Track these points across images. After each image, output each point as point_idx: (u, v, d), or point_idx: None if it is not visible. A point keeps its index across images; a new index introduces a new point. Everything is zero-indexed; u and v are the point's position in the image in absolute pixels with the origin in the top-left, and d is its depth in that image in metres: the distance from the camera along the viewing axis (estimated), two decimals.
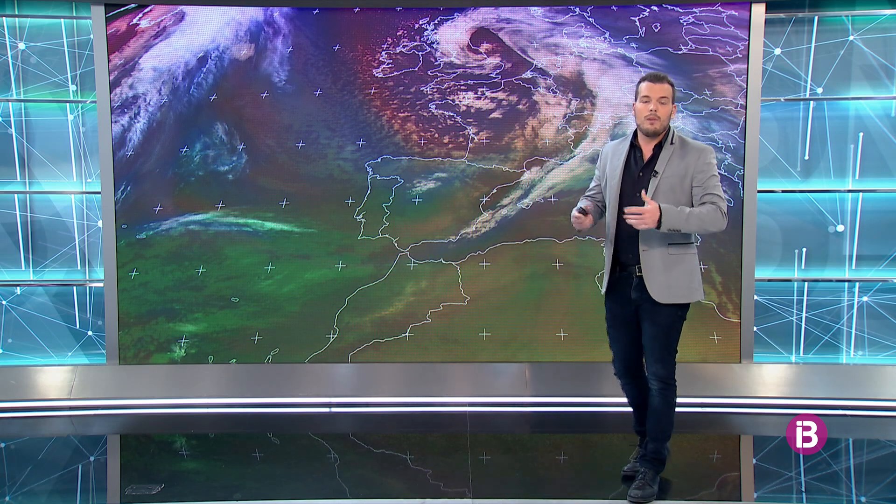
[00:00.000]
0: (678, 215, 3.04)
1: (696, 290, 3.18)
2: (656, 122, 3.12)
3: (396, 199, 4.58)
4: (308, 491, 3.33)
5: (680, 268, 3.14)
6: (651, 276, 3.14)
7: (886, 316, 4.68)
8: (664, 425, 3.22)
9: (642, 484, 3.19)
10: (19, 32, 4.61)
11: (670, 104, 3.14)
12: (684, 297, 3.15)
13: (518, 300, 4.61)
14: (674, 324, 3.18)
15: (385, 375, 4.66)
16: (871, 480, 3.57)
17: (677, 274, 3.13)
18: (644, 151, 3.18)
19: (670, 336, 3.18)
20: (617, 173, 3.20)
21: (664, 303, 3.13)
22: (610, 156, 3.28)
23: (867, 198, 4.64)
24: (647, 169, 3.16)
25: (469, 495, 3.27)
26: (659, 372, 3.18)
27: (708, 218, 3.06)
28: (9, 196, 4.70)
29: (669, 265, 3.13)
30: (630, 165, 3.20)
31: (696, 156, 3.11)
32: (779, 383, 4.56)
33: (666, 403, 3.20)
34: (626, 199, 3.17)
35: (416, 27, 4.54)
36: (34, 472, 3.65)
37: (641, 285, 3.15)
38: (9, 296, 4.75)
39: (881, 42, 4.55)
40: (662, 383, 3.18)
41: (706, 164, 3.10)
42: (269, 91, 4.55)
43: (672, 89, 3.14)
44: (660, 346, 3.17)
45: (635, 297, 3.18)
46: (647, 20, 4.50)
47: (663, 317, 3.15)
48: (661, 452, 3.26)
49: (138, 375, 4.61)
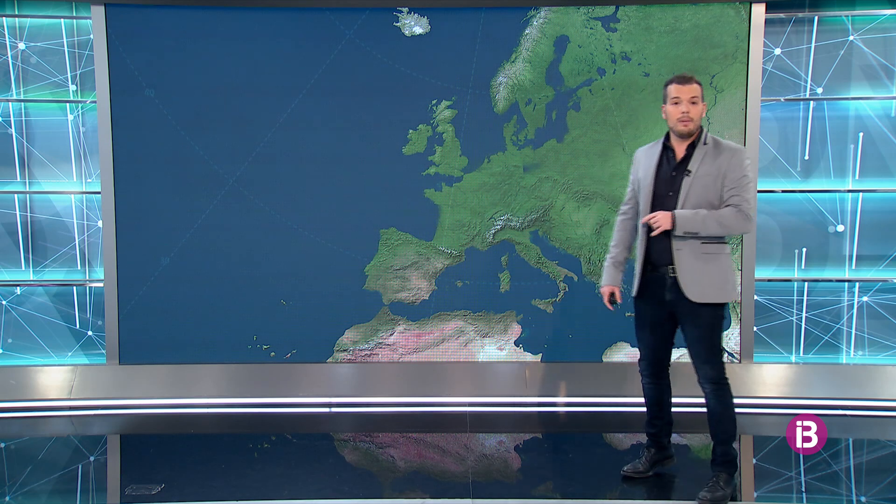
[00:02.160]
0: (693, 218, 3.05)
1: (732, 289, 3.16)
2: (689, 124, 3.13)
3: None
4: (308, 491, 3.33)
5: (714, 267, 3.12)
6: (685, 276, 3.12)
7: (886, 316, 4.68)
8: (726, 426, 3.20)
9: (713, 486, 3.17)
10: (19, 32, 4.61)
11: (700, 103, 3.15)
12: (720, 296, 3.13)
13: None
14: (715, 323, 3.16)
15: (385, 375, 4.67)
16: (871, 480, 3.57)
17: (712, 273, 3.12)
18: (677, 152, 3.19)
19: (714, 337, 3.16)
20: (650, 175, 3.22)
21: (700, 302, 3.11)
22: (642, 159, 3.30)
23: (867, 198, 4.64)
24: (679, 168, 3.16)
25: (469, 495, 3.27)
26: (709, 374, 3.17)
27: (727, 220, 3.05)
28: (9, 196, 4.70)
29: (703, 264, 3.11)
30: (663, 166, 3.21)
31: (730, 156, 3.11)
32: (779, 383, 4.56)
33: (722, 404, 3.18)
34: (658, 200, 3.18)
35: None
36: (34, 472, 3.65)
37: (676, 286, 3.14)
38: (9, 296, 4.75)
39: (881, 42, 4.55)
40: (714, 384, 3.17)
41: (739, 164, 3.10)
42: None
43: (700, 88, 3.15)
44: (705, 348, 3.16)
45: (670, 298, 3.17)
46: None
47: (704, 318, 3.14)
48: (728, 454, 3.23)
49: (138, 375, 4.61)
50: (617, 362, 4.65)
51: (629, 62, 4.51)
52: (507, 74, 4.53)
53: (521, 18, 4.50)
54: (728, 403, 3.19)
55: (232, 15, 4.49)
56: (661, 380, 3.38)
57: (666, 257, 3.16)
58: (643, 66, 4.51)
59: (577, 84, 4.54)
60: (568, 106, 4.54)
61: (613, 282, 3.39)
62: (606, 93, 4.53)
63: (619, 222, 3.44)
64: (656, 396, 3.40)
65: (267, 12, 4.50)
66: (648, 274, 3.23)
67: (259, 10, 4.49)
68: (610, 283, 3.39)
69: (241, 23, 4.50)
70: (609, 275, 3.40)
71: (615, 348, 4.66)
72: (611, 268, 3.40)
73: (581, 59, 4.52)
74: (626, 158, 4.55)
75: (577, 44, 4.51)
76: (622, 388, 4.55)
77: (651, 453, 3.48)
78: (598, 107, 4.54)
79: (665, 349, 3.35)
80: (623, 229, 3.41)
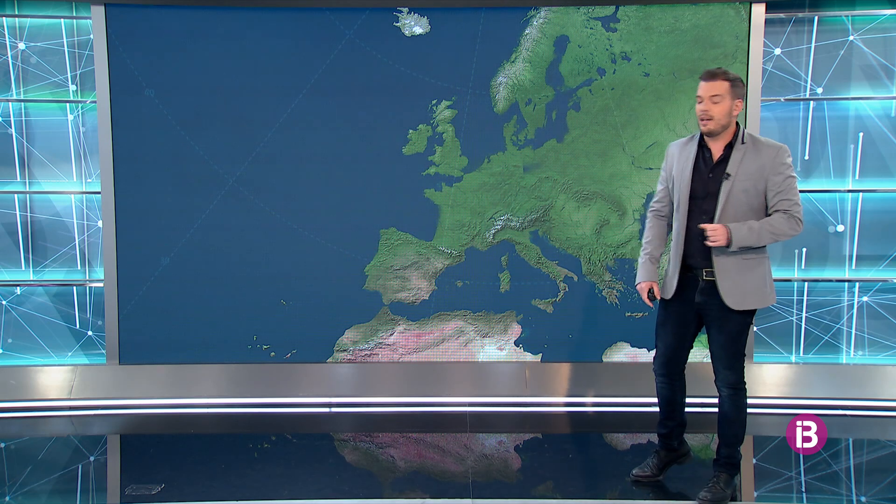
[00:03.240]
0: (749, 235, 2.96)
1: (769, 294, 3.11)
2: (709, 124, 3.02)
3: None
4: (308, 491, 3.33)
5: (755, 273, 3.06)
6: (726, 282, 3.05)
7: (886, 316, 4.68)
8: (736, 430, 3.18)
9: (713, 487, 3.16)
10: (19, 32, 4.61)
11: (727, 100, 3.00)
12: (758, 302, 3.09)
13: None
14: (743, 330, 3.11)
15: (385, 375, 4.67)
16: (871, 480, 3.57)
17: (752, 279, 3.06)
18: (713, 151, 3.08)
19: (739, 343, 3.12)
20: (686, 175, 3.12)
21: (737, 309, 3.06)
22: (676, 156, 3.20)
23: (867, 198, 4.64)
24: (717, 170, 3.06)
25: (469, 495, 3.27)
26: (729, 379, 3.14)
27: (780, 229, 2.97)
28: (9, 196, 4.69)
29: (744, 270, 3.04)
30: (699, 166, 3.10)
31: (772, 156, 3.00)
32: (779, 383, 4.56)
33: (737, 408, 3.16)
34: (696, 203, 3.10)
35: None
36: (34, 472, 3.65)
37: (710, 290, 3.07)
38: (9, 296, 4.75)
39: (881, 42, 4.55)
40: (732, 389, 3.15)
41: (782, 164, 3.00)
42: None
43: (728, 85, 3.00)
44: (730, 353, 3.13)
45: (700, 300, 3.12)
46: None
47: (733, 324, 3.09)
48: (733, 457, 3.22)
49: (138, 375, 4.61)
50: (617, 362, 4.65)
51: (629, 62, 4.51)
52: (507, 74, 4.53)
53: (521, 18, 4.50)
54: (742, 408, 3.16)
55: (232, 15, 4.49)
56: (675, 380, 3.33)
57: (702, 261, 3.08)
58: (643, 66, 4.51)
59: (577, 84, 4.54)
60: (568, 106, 4.54)
61: (651, 277, 3.30)
62: (606, 93, 4.53)
63: (651, 218, 3.36)
64: (669, 396, 3.34)
65: (267, 12, 4.49)
66: (682, 275, 3.17)
67: (259, 10, 4.49)
68: (648, 279, 3.30)
69: (240, 23, 4.50)
70: (646, 270, 3.31)
71: (615, 348, 4.66)
72: (647, 263, 3.31)
73: (581, 59, 4.52)
74: (626, 158, 4.55)
75: (577, 44, 4.51)
76: (622, 388, 4.55)
77: (660, 456, 3.43)
78: (598, 107, 4.54)
79: (683, 350, 3.29)
80: (657, 225, 3.33)
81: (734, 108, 3.03)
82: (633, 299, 4.62)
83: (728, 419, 3.19)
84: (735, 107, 3.03)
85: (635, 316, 4.63)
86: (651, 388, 3.86)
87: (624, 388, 4.54)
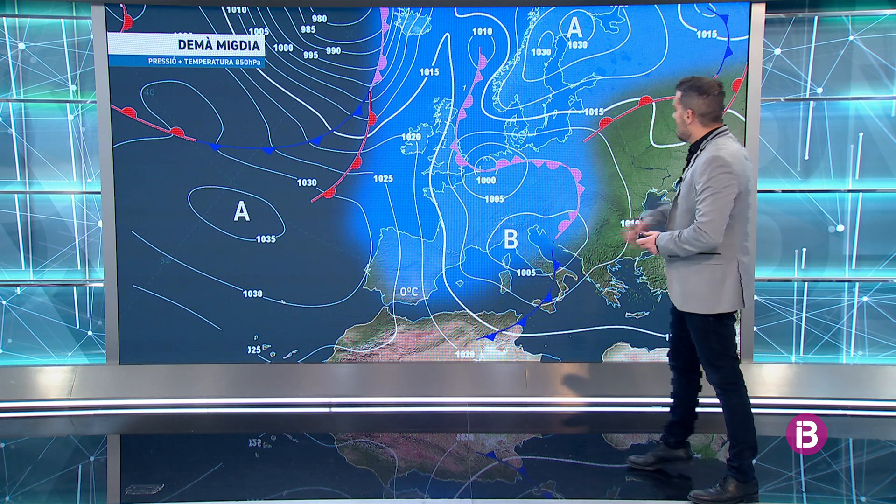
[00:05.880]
0: (668, 242, 3.12)
1: (721, 300, 3.09)
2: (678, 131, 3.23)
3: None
4: (308, 491, 3.33)
5: (699, 277, 3.11)
6: (672, 283, 3.23)
7: (886, 316, 4.68)
8: (735, 431, 3.17)
9: (715, 486, 3.18)
10: (19, 32, 4.61)
11: (679, 110, 3.17)
12: (701, 307, 3.11)
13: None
14: (707, 331, 3.14)
15: (385, 375, 4.67)
16: (871, 480, 3.57)
17: (695, 283, 3.12)
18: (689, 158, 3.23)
19: (707, 343, 3.15)
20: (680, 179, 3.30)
21: (684, 311, 3.18)
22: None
23: (867, 198, 4.64)
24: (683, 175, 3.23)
25: (469, 495, 3.27)
26: (710, 378, 3.20)
27: (686, 239, 3.05)
28: (9, 196, 4.69)
29: (688, 274, 3.13)
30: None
31: (700, 166, 3.06)
32: (779, 383, 4.56)
33: (726, 407, 3.17)
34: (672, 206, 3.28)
35: None
36: (34, 472, 3.65)
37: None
38: (9, 296, 4.75)
39: (881, 42, 4.55)
40: (717, 388, 3.18)
41: (702, 175, 3.03)
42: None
43: (678, 95, 3.17)
44: (703, 353, 3.20)
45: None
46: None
47: (693, 324, 3.18)
48: (736, 458, 3.16)
49: (138, 375, 4.61)
50: (617, 362, 4.65)
51: (629, 62, 4.51)
52: (508, 74, 4.53)
53: (521, 18, 4.50)
54: (733, 408, 3.15)
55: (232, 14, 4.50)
56: (683, 374, 3.39)
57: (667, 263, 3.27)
58: (643, 66, 4.51)
59: (577, 84, 4.54)
60: (568, 106, 4.54)
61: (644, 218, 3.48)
62: (606, 92, 4.53)
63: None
64: (676, 387, 3.43)
65: (266, 12, 4.50)
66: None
67: (259, 10, 4.50)
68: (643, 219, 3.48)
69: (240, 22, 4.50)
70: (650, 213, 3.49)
71: (615, 348, 4.66)
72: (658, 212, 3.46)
73: (581, 59, 4.52)
74: (626, 158, 4.55)
75: (578, 44, 4.51)
76: (622, 388, 4.55)
77: (657, 450, 3.51)
78: (598, 106, 4.54)
79: (681, 345, 3.35)
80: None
81: (685, 117, 3.14)
82: (634, 299, 4.62)
83: (725, 419, 3.21)
84: (687, 116, 3.13)
85: (635, 316, 4.63)
86: (651, 388, 3.87)
87: (624, 388, 4.54)
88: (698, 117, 3.12)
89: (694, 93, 3.10)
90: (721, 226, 2.97)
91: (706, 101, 3.10)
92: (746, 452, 3.15)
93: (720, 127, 3.14)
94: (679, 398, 3.43)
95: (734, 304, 3.11)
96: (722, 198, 2.96)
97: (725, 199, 2.97)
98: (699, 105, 3.10)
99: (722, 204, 2.97)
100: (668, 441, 3.49)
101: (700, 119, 3.12)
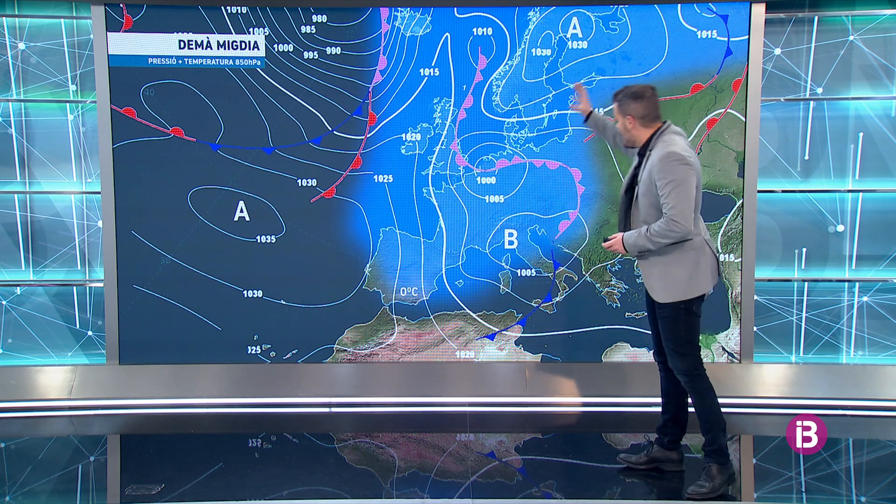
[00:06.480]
0: (639, 239, 3.19)
1: (698, 282, 3.22)
2: (624, 138, 3.34)
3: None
4: (308, 491, 3.33)
5: (681, 266, 3.21)
6: (650, 281, 3.31)
7: (886, 316, 4.68)
8: (706, 416, 3.25)
9: (702, 478, 3.24)
10: (19, 32, 4.61)
11: (620, 118, 3.30)
12: (682, 294, 3.22)
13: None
14: (676, 318, 3.24)
15: (385, 375, 4.67)
16: (871, 480, 3.58)
17: (679, 272, 3.21)
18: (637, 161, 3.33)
19: (675, 330, 3.25)
20: (625, 182, 3.39)
21: (664, 302, 3.25)
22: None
23: (867, 198, 4.64)
24: (633, 177, 3.31)
25: (469, 495, 3.27)
26: (677, 365, 3.28)
27: (659, 234, 3.14)
28: (9, 196, 4.69)
29: (668, 266, 3.23)
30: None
31: (656, 163, 3.16)
32: (779, 383, 4.56)
33: (697, 394, 3.27)
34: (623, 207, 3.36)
35: None
36: (34, 472, 3.65)
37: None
38: (9, 296, 4.75)
39: (881, 42, 4.55)
40: (684, 376, 3.28)
41: (661, 170, 3.14)
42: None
43: (616, 105, 3.30)
44: (669, 341, 3.28)
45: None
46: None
47: (662, 312, 3.28)
48: (713, 443, 3.26)
49: (138, 375, 4.61)
50: (617, 362, 4.65)
51: (629, 62, 4.51)
52: (508, 74, 4.53)
53: (521, 18, 4.50)
54: (703, 393, 3.25)
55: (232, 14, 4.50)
56: (670, 370, 3.41)
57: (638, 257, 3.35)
58: (643, 66, 4.51)
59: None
60: (568, 106, 4.54)
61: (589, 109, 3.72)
62: (606, 93, 4.53)
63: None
64: (664, 385, 3.48)
65: (266, 12, 4.50)
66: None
67: (259, 10, 4.50)
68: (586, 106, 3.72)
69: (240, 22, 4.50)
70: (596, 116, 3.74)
71: (615, 348, 4.66)
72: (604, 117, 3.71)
73: (581, 59, 4.52)
74: (626, 159, 4.54)
75: (578, 44, 4.51)
76: (622, 388, 4.55)
77: (650, 450, 3.54)
78: (597, 106, 4.54)
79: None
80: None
81: (627, 123, 3.29)
82: (634, 299, 4.62)
83: (695, 406, 3.29)
84: (628, 122, 3.28)
85: (635, 316, 4.63)
86: (651, 389, 3.87)
87: (624, 388, 4.54)
88: (639, 121, 3.27)
89: (630, 99, 3.26)
90: (690, 214, 3.11)
91: (643, 104, 3.25)
92: (720, 433, 3.26)
93: (662, 125, 3.28)
94: (669, 395, 3.47)
95: (713, 279, 3.26)
96: (686, 188, 3.11)
97: (688, 189, 3.11)
98: (637, 109, 3.26)
99: (686, 194, 3.11)
100: (662, 441, 3.51)
101: (641, 122, 3.27)
